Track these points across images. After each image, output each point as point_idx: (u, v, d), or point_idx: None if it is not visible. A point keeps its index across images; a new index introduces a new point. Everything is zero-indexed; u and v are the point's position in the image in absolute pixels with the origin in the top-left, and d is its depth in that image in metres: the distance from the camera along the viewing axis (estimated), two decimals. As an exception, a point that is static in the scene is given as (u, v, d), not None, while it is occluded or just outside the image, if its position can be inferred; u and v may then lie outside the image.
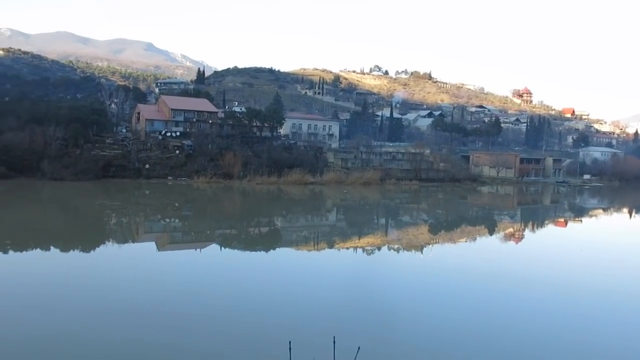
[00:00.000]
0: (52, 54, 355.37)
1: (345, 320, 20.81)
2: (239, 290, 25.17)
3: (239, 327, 19.50)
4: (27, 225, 44.89)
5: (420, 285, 28.09)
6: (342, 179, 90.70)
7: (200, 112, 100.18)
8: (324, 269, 32.35)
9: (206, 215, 56.09)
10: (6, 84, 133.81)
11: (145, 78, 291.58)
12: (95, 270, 29.30)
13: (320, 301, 23.66)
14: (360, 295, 25.15)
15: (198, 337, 18.20)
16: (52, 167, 72.62)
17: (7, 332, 18.06)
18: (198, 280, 27.50)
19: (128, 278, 27.28)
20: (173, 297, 23.17)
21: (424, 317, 21.86)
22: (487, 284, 28.46)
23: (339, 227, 54.81)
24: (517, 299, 25.53)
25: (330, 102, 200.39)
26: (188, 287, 25.39)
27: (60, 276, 27.40)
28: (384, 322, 20.92)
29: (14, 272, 28.22)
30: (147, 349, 17.24)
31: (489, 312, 23.02)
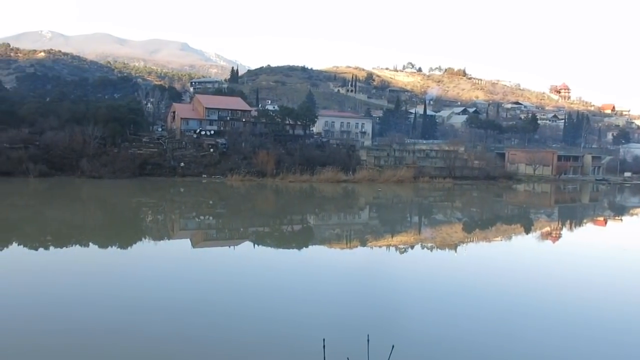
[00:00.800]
0: (90, 54, 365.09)
1: (379, 318, 20.66)
2: (272, 288, 25.28)
3: (273, 324, 19.56)
4: (67, 221, 46.24)
5: (454, 285, 27.63)
6: (374, 177, 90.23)
7: (234, 110, 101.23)
8: (357, 267, 32.22)
9: (240, 213, 56.60)
10: (47, 85, 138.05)
11: (181, 77, 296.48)
12: (133, 266, 29.91)
13: (353, 299, 23.55)
14: (393, 293, 24.93)
15: (232, 333, 18.35)
16: (91, 165, 74.50)
17: (53, 327, 18.55)
18: (232, 277, 27.74)
19: (165, 274, 27.73)
20: (208, 294, 23.44)
21: (459, 318, 21.49)
22: (523, 285, 27.83)
23: (371, 225, 54.53)
24: (558, 302, 24.83)
25: (363, 100, 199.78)
26: (222, 284, 25.66)
27: (99, 272, 28.03)
28: (418, 321, 20.68)
29: (54, 268, 29.02)
30: (185, 343, 17.45)
31: (524, 314, 22.46)
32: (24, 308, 20.42)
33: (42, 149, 75.43)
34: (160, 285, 24.85)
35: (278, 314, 20.87)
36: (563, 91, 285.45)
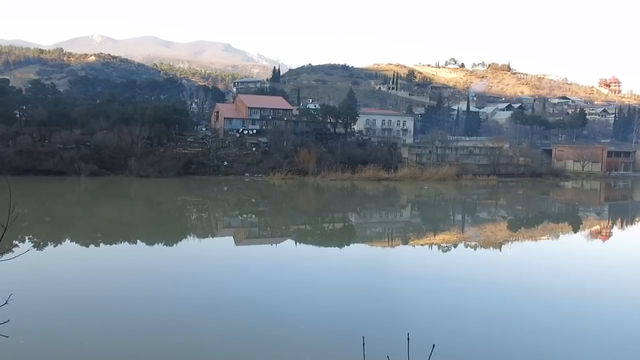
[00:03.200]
0: (138, 57, 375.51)
1: (420, 317, 20.59)
2: (314, 285, 25.52)
3: (314, 321, 19.78)
4: (115, 219, 47.89)
5: (499, 284, 27.18)
6: (416, 175, 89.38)
7: (276, 109, 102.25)
8: (398, 265, 32.09)
9: (281, 211, 57.23)
10: (97, 87, 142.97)
11: (224, 78, 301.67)
12: (178, 264, 30.75)
13: (394, 297, 23.53)
14: (435, 292, 24.74)
15: (274, 329, 18.63)
16: (138, 164, 76.79)
17: (111, 323, 19.34)
18: (273, 274, 28.14)
19: (209, 272, 28.40)
20: (250, 291, 23.86)
21: (503, 318, 21.16)
22: (572, 285, 27.08)
23: (413, 223, 54.13)
24: (609, 304, 24.07)
25: (404, 97, 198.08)
26: (264, 282, 26.08)
27: (146, 269, 28.95)
28: (459, 321, 20.47)
29: (102, 266, 30.11)
30: (232, 338, 17.89)
31: (573, 315, 21.87)
32: (73, 303, 21.34)
33: (93, 149, 78.28)
34: (205, 282, 25.46)
35: (319, 310, 21.08)
36: (613, 85, 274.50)
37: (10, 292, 6.03)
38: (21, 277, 22.56)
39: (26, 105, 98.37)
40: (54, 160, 74.63)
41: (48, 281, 24.37)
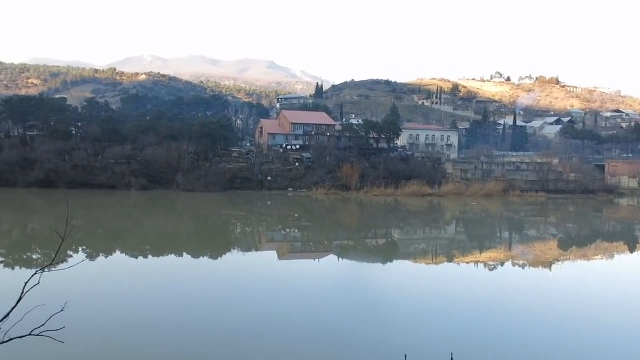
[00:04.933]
0: (185, 75, 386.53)
1: (463, 337, 20.19)
2: (356, 301, 25.45)
3: (356, 338, 19.73)
4: (164, 232, 49.19)
5: (548, 305, 26.30)
6: (461, 191, 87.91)
7: (319, 125, 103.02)
8: (442, 283, 31.60)
9: (324, 226, 57.37)
10: (147, 105, 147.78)
11: (268, 94, 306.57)
12: (223, 277, 31.29)
13: (437, 316, 23.17)
14: (480, 312, 24.22)
15: (316, 345, 18.69)
16: (185, 179, 78.74)
17: (160, 333, 19.91)
18: (316, 290, 28.22)
19: (253, 285, 28.74)
20: (293, 306, 24.03)
21: (550, 339, 20.50)
22: (628, 307, 26.00)
23: (458, 240, 53.20)
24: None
25: (448, 112, 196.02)
26: (307, 297, 26.19)
27: (192, 282, 29.56)
28: (504, 342, 19.98)
29: (152, 277, 30.97)
30: (273, 352, 18.06)
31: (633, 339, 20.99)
32: (124, 313, 22.03)
33: (143, 164, 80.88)
34: (250, 296, 25.78)
35: (360, 327, 20.99)
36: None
37: (66, 300, 6.35)
38: (75, 286, 23.47)
39: (82, 122, 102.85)
40: (107, 175, 77.51)
41: (100, 291, 25.21)
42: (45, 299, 6.26)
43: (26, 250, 38.80)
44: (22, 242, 42.68)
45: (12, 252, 37.30)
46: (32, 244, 41.71)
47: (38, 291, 4.98)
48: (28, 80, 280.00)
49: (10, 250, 38.23)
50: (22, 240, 43.32)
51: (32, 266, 32.66)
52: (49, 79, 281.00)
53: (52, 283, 5.34)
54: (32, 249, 39.79)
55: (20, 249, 38.91)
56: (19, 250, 38.29)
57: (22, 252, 37.89)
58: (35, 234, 47.38)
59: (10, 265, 32.33)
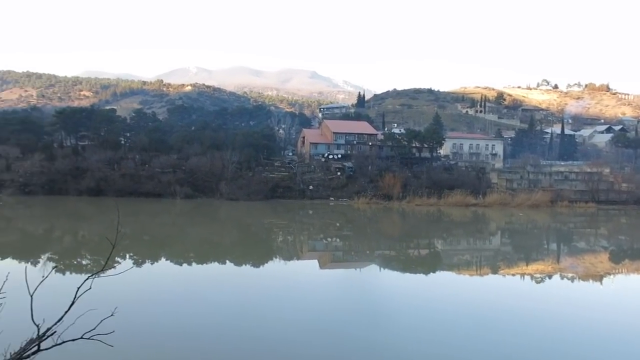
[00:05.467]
0: (229, 86, 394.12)
1: (512, 350, 19.64)
2: (398, 312, 25.16)
3: (392, 351, 19.49)
4: (207, 239, 50.04)
5: (599, 319, 25.31)
6: (507, 201, 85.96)
7: (361, 134, 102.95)
8: (486, 295, 30.88)
9: (366, 236, 57.10)
10: (192, 115, 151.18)
11: (310, 104, 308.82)
12: (264, 285, 31.52)
13: (480, 329, 22.63)
14: (528, 325, 23.50)
15: (354, 356, 18.55)
16: (229, 188, 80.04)
17: (204, 340, 20.26)
18: (357, 299, 28.07)
19: (294, 294, 28.85)
20: (333, 316, 23.98)
21: (603, 354, 19.71)
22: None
23: (503, 251, 51.96)
24: None
25: (493, 120, 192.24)
26: (349, 306, 26.08)
27: (235, 289, 29.93)
28: (556, 356, 19.32)
29: (197, 284, 31.50)
30: None
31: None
32: (169, 318, 22.50)
33: (187, 173, 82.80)
34: (291, 305, 25.87)
35: (399, 339, 20.72)
36: None
37: (114, 305, 6.55)
38: (123, 291, 24.12)
39: (130, 132, 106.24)
40: (153, 183, 79.73)
41: (146, 297, 25.80)
42: (96, 304, 6.48)
43: (76, 256, 40.21)
44: (72, 248, 44.27)
45: (63, 258, 38.72)
46: (82, 250, 43.18)
47: (87, 295, 5.17)
48: (80, 92, 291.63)
49: (62, 255, 39.70)
50: (72, 246, 44.94)
51: (82, 271, 33.81)
52: (100, 91, 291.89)
53: (102, 288, 5.53)
54: (82, 254, 41.20)
55: (71, 255, 40.37)
56: (69, 256, 39.72)
57: (73, 258, 39.29)
58: (85, 240, 49.04)
59: (61, 270, 33.53)
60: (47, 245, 44.76)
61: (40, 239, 49.10)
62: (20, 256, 38.63)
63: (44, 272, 23.12)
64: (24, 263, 35.80)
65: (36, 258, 38.05)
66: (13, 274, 6.43)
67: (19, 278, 5.92)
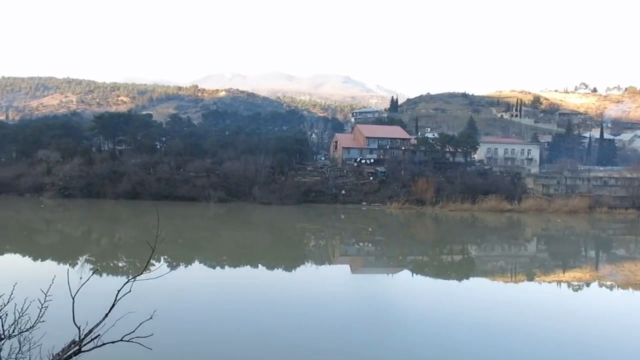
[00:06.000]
0: (263, 91, 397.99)
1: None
2: (430, 319, 24.90)
3: (434, 356, 19.31)
4: (240, 243, 50.53)
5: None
6: (543, 207, 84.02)
7: (393, 139, 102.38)
8: (520, 302, 30.26)
9: (398, 241, 56.70)
10: (226, 120, 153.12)
11: (342, 109, 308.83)
12: (297, 288, 31.65)
13: (520, 339, 22.19)
14: (567, 331, 22.92)
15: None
16: (261, 192, 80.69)
17: (243, 343, 20.48)
18: (389, 305, 27.90)
19: (326, 298, 28.90)
20: (365, 320, 23.90)
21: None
22: None
23: (539, 258, 50.84)
24: None
25: (529, 125, 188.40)
26: (381, 311, 25.95)
27: (268, 291, 30.12)
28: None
29: (230, 286, 31.86)
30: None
31: None
32: (205, 320, 22.80)
33: (221, 177, 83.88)
34: (322, 309, 25.92)
35: (430, 346, 20.49)
36: None
37: (153, 307, 6.66)
38: (160, 293, 24.58)
39: (165, 137, 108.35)
40: (187, 187, 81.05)
41: (182, 299, 26.13)
42: (134, 306, 6.63)
43: (113, 258, 41.19)
44: (109, 250, 45.38)
45: (101, 259, 39.72)
46: (119, 252, 44.22)
47: (125, 298, 5.30)
48: (118, 98, 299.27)
49: (99, 257, 40.74)
50: (109, 249, 46.06)
51: (118, 273, 34.65)
52: (137, 97, 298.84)
53: (140, 290, 5.66)
54: (118, 256, 42.18)
55: (108, 257, 41.38)
56: (107, 258, 40.72)
57: (110, 260, 40.27)
58: (122, 242, 50.19)
59: (98, 272, 34.38)
60: (85, 247, 46.02)
61: (78, 241, 50.51)
62: (60, 258, 39.82)
63: (81, 274, 23.79)
64: (63, 265, 36.91)
65: (75, 260, 39.16)
66: (53, 276, 6.64)
67: (58, 280, 6.12)
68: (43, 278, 7.61)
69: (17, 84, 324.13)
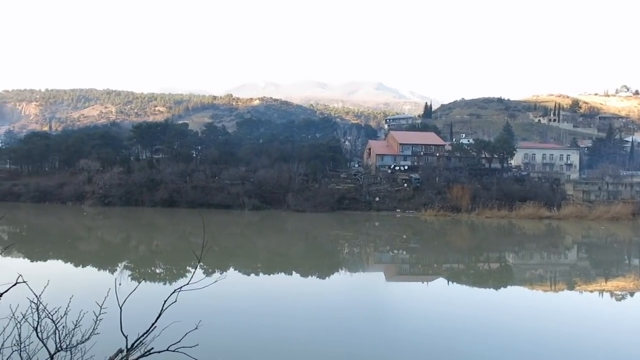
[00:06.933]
0: (296, 99, 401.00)
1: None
2: (468, 327, 24.52)
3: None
4: (274, 250, 50.88)
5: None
6: (583, 214, 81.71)
7: (428, 145, 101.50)
8: (562, 312, 29.50)
9: (433, 248, 56.05)
10: (260, 128, 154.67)
11: (376, 115, 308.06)
12: (331, 295, 31.65)
13: (561, 352, 21.64)
14: (612, 342, 22.25)
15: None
16: (295, 199, 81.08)
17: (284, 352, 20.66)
18: (425, 313, 27.60)
19: (361, 306, 28.82)
20: (399, 330, 23.71)
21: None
22: None
23: (580, 266, 49.45)
24: None
25: (567, 129, 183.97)
26: (417, 319, 25.72)
27: (303, 299, 30.23)
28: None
29: (265, 294, 32.09)
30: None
31: None
32: (246, 330, 23.04)
33: (255, 185, 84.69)
34: (359, 317, 25.86)
35: (470, 356, 20.17)
36: None
37: (199, 318, 6.73)
38: (199, 302, 24.92)
39: (201, 145, 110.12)
40: (222, 195, 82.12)
41: (223, 308, 25.93)
42: (177, 315, 6.77)
43: (150, 265, 42.06)
44: (147, 257, 46.34)
45: (139, 266, 40.62)
46: (156, 259, 45.09)
47: (169, 307, 5.43)
48: (155, 108, 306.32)
49: (137, 264, 41.65)
50: (147, 256, 47.03)
51: (155, 279, 35.33)
52: (173, 106, 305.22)
53: (182, 299, 5.78)
54: (155, 263, 43.01)
55: (146, 264, 42.28)
56: (144, 265, 41.62)
57: (148, 267, 41.12)
58: (159, 250, 51.19)
59: (137, 278, 35.13)
60: (124, 255, 47.13)
61: (118, 248, 51.75)
62: (100, 264, 40.91)
63: (120, 280, 24.28)
64: (103, 271, 37.90)
65: (114, 266, 40.13)
66: (96, 283, 6.86)
67: (100, 287, 6.31)
68: (85, 284, 7.83)
69: (59, 96, 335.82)
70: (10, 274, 5.63)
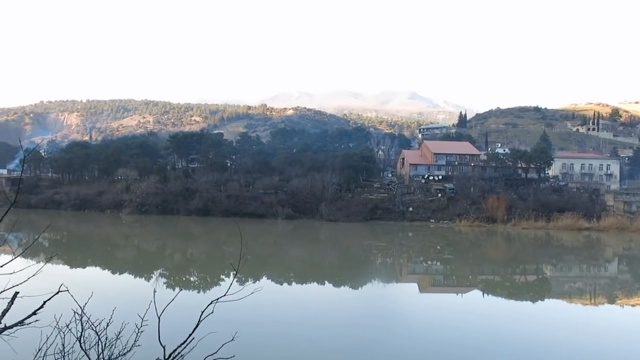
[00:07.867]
0: (329, 108, 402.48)
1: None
2: (504, 340, 24.06)
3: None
4: (307, 260, 51.02)
5: None
6: (625, 225, 79.10)
7: (462, 155, 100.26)
8: (602, 325, 28.62)
9: (468, 260, 55.20)
10: (294, 138, 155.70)
11: (409, 125, 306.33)
12: (363, 307, 31.53)
13: None
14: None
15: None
16: (328, 209, 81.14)
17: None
18: (459, 326, 27.20)
19: (393, 317, 28.62)
20: (432, 343, 23.46)
21: None
22: None
23: (621, 280, 47.86)
24: None
25: (607, 139, 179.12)
26: (451, 330, 25.37)
27: (336, 309, 30.23)
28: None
29: (298, 304, 32.21)
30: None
31: None
32: (282, 340, 23.17)
33: (289, 194, 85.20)
34: (389, 329, 25.70)
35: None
36: None
37: (235, 327, 6.81)
38: (236, 312, 25.18)
39: (235, 155, 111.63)
40: (256, 204, 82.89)
41: (258, 318, 25.89)
42: (213, 325, 6.90)
43: (185, 273, 42.74)
44: (182, 265, 47.12)
45: (174, 274, 41.33)
46: (191, 267, 45.82)
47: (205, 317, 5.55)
48: (191, 118, 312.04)
49: (173, 272, 42.39)
50: (182, 264, 47.82)
51: (190, 287, 35.88)
52: (209, 116, 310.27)
53: (218, 309, 5.89)
54: (190, 272, 43.70)
55: (180, 272, 42.99)
56: (179, 273, 42.32)
57: (182, 275, 41.81)
58: (194, 258, 52.00)
59: (172, 286, 35.76)
60: (160, 262, 48.04)
61: (154, 256, 52.80)
62: (137, 272, 41.82)
63: (155, 287, 24.82)
64: (140, 279, 38.72)
65: (150, 274, 40.96)
66: (135, 291, 7.05)
67: (138, 295, 6.50)
68: (124, 292, 8.02)
69: (100, 107, 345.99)
70: (53, 282, 5.87)
